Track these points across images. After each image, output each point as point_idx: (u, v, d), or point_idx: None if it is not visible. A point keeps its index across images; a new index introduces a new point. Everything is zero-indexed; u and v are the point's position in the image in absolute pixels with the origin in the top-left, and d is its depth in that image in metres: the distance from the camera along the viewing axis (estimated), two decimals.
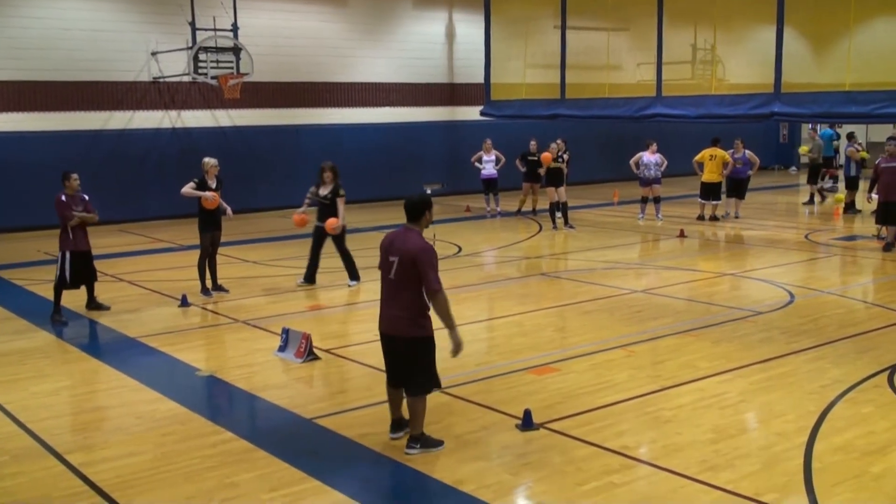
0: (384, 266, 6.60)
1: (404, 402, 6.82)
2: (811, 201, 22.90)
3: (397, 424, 6.87)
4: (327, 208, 12.75)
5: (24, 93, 19.64)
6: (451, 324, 6.45)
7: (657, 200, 19.93)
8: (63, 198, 11.13)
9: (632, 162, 19.86)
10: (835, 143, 25.94)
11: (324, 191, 12.79)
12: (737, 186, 20.08)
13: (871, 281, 13.51)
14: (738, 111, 17.18)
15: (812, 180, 23.09)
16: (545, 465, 6.38)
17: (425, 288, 6.41)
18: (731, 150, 19.90)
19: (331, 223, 12.59)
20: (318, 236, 12.95)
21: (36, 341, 10.33)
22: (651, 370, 8.68)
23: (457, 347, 6.46)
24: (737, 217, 19.90)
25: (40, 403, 8.06)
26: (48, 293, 11.73)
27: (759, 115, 17.05)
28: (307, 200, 13.17)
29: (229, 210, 12.65)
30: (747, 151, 19.90)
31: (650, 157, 19.58)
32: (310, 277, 13.06)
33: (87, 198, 11.39)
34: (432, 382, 6.70)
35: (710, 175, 19.49)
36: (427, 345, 6.57)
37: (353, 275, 12.96)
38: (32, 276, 14.13)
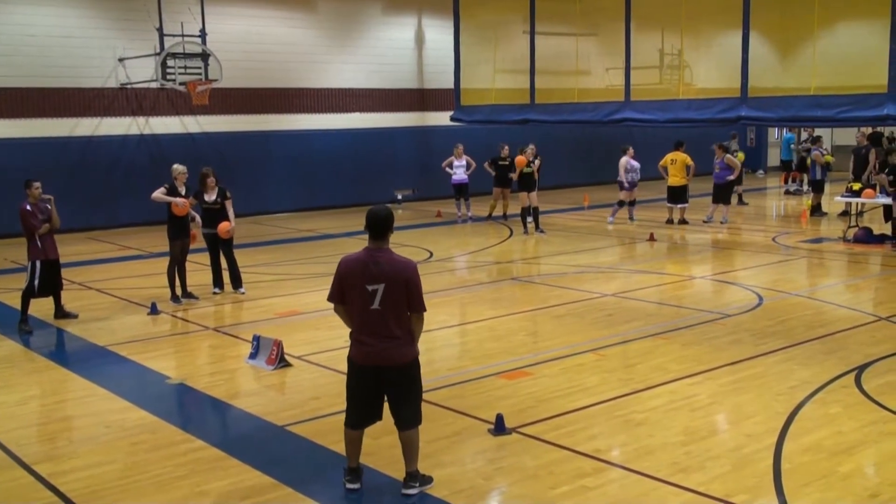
0: (360, 296, 5.83)
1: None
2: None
3: (357, 473, 6.14)
4: (216, 213, 12.58)
5: None
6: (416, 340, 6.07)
7: (633, 203, 20.14)
8: (28, 207, 11.00)
9: (622, 168, 19.91)
10: (793, 146, 26.30)
11: (210, 196, 12.61)
12: (718, 192, 19.94)
13: (837, 282, 13.67)
14: (706, 115, 17.35)
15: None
16: (518, 469, 6.40)
17: (415, 309, 5.90)
18: (714, 156, 20.06)
19: (224, 227, 12.47)
20: (213, 243, 12.77)
21: (2, 350, 10.20)
22: (622, 373, 8.73)
23: None
24: (723, 222, 19.67)
25: (7, 413, 7.97)
26: (14, 302, 11.59)
27: (726, 120, 17.23)
28: (194, 215, 12.61)
29: (198, 218, 12.58)
30: (727, 156, 19.95)
31: (635, 162, 19.84)
32: (218, 283, 12.97)
33: (50, 198, 11.19)
34: (421, 411, 6.13)
35: (674, 179, 19.62)
36: (419, 367, 6.06)
37: (240, 283, 12.91)
38: None
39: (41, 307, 11.54)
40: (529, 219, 18.82)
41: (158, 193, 12.18)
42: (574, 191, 27.38)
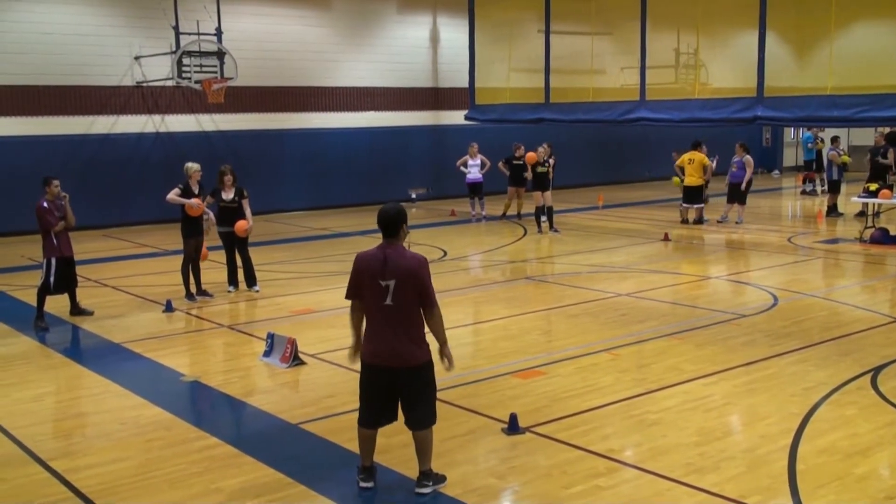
0: (374, 292, 5.87)
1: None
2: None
3: (370, 472, 6.14)
4: (233, 212, 12.58)
5: (5, 97, 19.50)
6: (444, 339, 6.06)
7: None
8: (45, 204, 11.06)
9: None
10: (810, 145, 26.16)
11: (227, 195, 12.60)
12: (733, 192, 19.79)
13: (853, 283, 13.59)
14: (722, 115, 17.26)
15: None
16: (531, 468, 6.39)
17: (425, 303, 5.90)
18: (734, 155, 19.95)
19: (241, 226, 12.47)
20: (229, 241, 12.76)
21: (18, 347, 10.26)
22: (636, 373, 8.71)
23: (452, 362, 6.09)
24: (738, 223, 19.54)
25: (23, 410, 8.01)
26: (31, 299, 11.66)
27: (742, 119, 17.15)
28: (208, 213, 12.61)
29: (212, 216, 12.62)
30: (747, 156, 19.81)
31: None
32: (233, 281, 12.98)
33: (66, 196, 11.23)
34: (436, 411, 6.11)
35: (691, 179, 19.53)
36: (432, 368, 6.03)
37: (254, 281, 12.92)
38: (15, 282, 14.03)
39: (57, 304, 11.60)
40: (543, 218, 18.79)
41: (173, 195, 12.20)
42: (589, 190, 27.33)
